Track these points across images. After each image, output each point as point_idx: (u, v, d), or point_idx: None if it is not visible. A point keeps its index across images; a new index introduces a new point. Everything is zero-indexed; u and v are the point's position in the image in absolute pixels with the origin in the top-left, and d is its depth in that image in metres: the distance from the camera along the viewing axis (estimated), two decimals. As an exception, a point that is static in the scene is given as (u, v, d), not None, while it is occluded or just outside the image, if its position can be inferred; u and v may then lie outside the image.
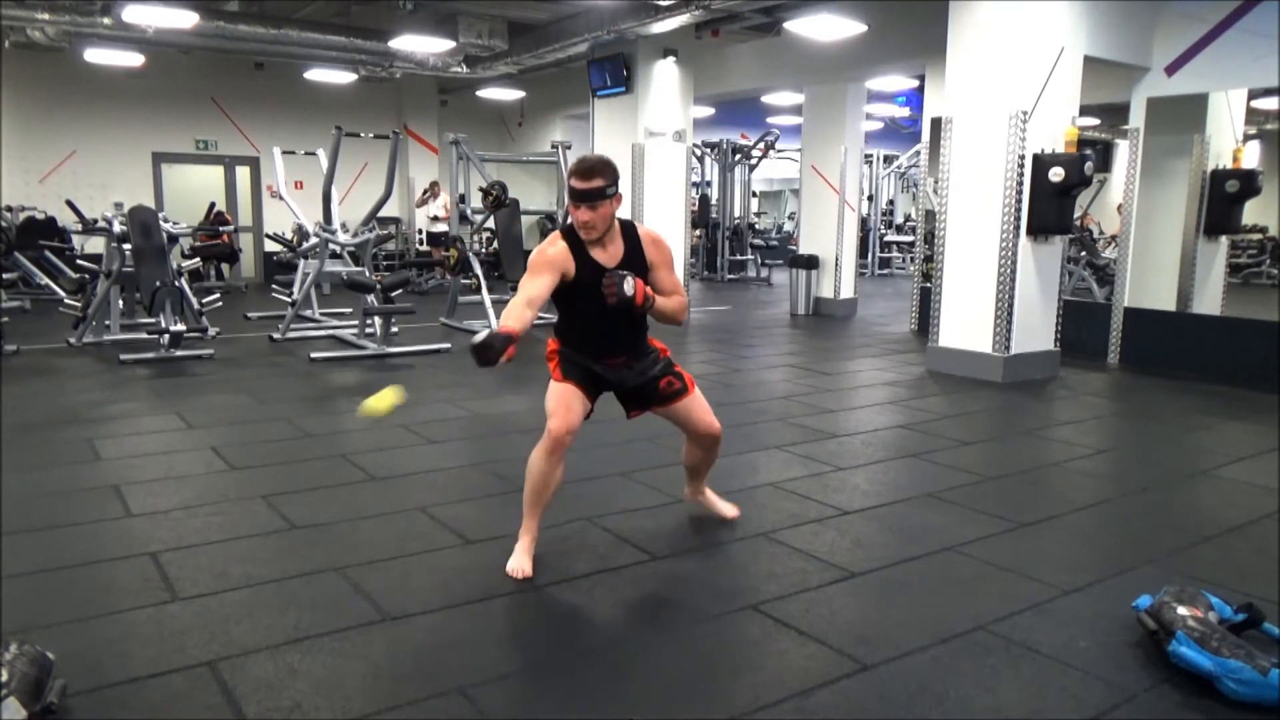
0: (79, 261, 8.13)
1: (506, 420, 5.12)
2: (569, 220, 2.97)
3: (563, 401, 2.96)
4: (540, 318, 3.33)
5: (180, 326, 6.75)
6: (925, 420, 5.22)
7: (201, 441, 4.51)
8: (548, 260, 2.90)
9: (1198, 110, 7.05)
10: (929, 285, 7.26)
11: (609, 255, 2.96)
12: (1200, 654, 2.23)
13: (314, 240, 8.31)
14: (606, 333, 3.04)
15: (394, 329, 7.57)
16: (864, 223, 14.59)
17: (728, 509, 3.46)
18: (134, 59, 11.00)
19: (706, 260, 15.22)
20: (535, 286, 2.85)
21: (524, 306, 2.78)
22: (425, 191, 13.31)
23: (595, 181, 2.83)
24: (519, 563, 2.91)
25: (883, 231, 16.63)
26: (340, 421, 5.13)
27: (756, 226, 17.64)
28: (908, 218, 16.55)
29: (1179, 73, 6.71)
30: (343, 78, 12.25)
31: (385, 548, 3.13)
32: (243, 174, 13.21)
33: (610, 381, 3.11)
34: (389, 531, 3.30)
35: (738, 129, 15.78)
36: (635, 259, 2.98)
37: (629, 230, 3.03)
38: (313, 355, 6.91)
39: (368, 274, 7.78)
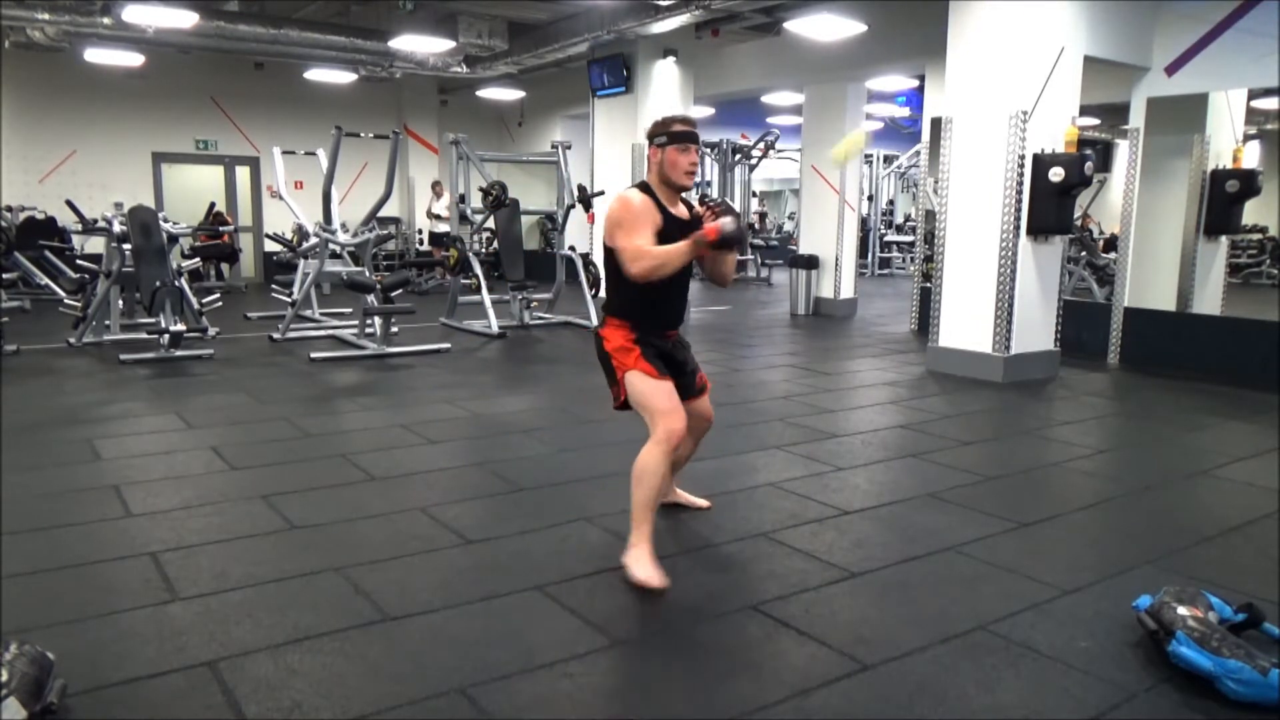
0: (79, 261, 8.13)
1: (506, 420, 5.12)
2: (643, 180, 2.98)
3: (670, 398, 2.92)
4: (539, 318, 3.32)
5: (180, 326, 6.75)
6: (925, 420, 5.22)
7: (201, 441, 4.51)
8: (642, 211, 2.86)
9: (1198, 110, 7.05)
10: (929, 285, 7.26)
11: (680, 212, 2.98)
12: (1200, 654, 2.23)
13: (314, 240, 8.31)
14: (672, 300, 3.04)
15: (394, 329, 7.57)
16: (864, 223, 14.59)
17: (702, 500, 3.53)
18: (134, 59, 11.01)
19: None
20: (646, 240, 2.82)
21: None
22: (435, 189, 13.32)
23: (694, 127, 2.89)
24: (651, 572, 2.79)
25: (883, 231, 16.64)
26: (340, 421, 5.13)
27: (756, 226, 17.63)
28: (908, 218, 16.55)
29: (1179, 73, 6.72)
30: (343, 78, 12.25)
31: (385, 548, 3.12)
32: (243, 174, 13.22)
33: (676, 362, 3.08)
34: (389, 531, 3.30)
35: (738, 129, 15.78)
36: (697, 221, 2.97)
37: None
38: (313, 355, 6.91)
39: (368, 274, 7.77)
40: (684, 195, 3.07)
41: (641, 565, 2.82)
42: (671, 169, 2.92)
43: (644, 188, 2.97)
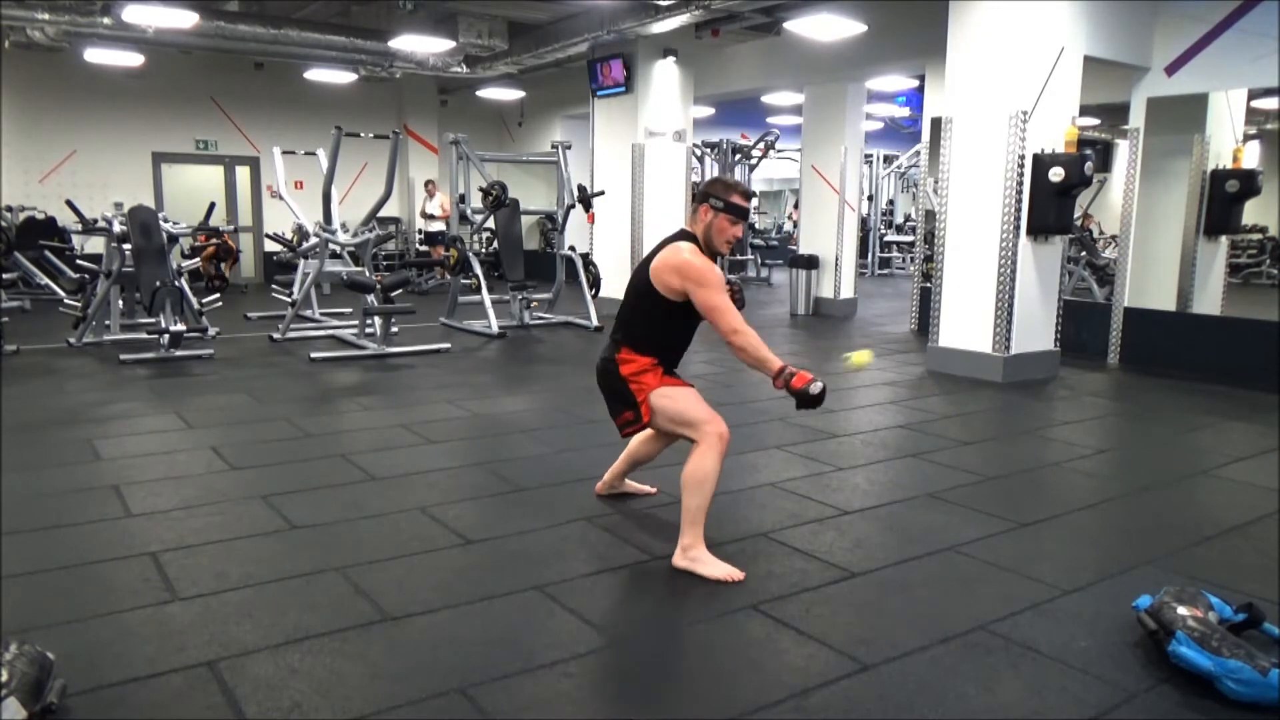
0: (79, 261, 8.12)
1: (506, 420, 5.12)
2: (689, 232, 3.09)
3: (704, 404, 3.04)
4: (539, 318, 3.33)
5: (180, 326, 6.76)
6: (925, 420, 5.22)
7: (201, 441, 4.51)
8: (714, 271, 2.99)
9: (1198, 110, 7.05)
10: (929, 285, 7.26)
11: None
12: (1200, 654, 2.23)
13: (314, 240, 8.31)
14: (686, 345, 3.22)
15: (394, 329, 7.58)
16: (864, 223, 14.58)
17: (649, 487, 3.69)
18: (134, 59, 11.00)
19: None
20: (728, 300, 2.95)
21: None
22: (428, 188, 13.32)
23: (749, 201, 3.04)
24: (728, 567, 2.88)
25: (883, 231, 16.63)
26: (340, 421, 5.13)
27: (756, 226, 17.62)
28: (908, 218, 16.55)
29: (1179, 73, 6.72)
30: (343, 78, 12.24)
31: (385, 548, 3.13)
32: (243, 174, 13.21)
33: None
34: (389, 531, 3.30)
35: (738, 129, 15.78)
36: None
37: None
38: (313, 355, 6.91)
39: (368, 274, 7.77)
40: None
41: (713, 564, 2.89)
42: (717, 235, 3.02)
43: (693, 240, 3.05)
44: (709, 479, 2.91)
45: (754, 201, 3.12)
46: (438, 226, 12.82)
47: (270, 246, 12.16)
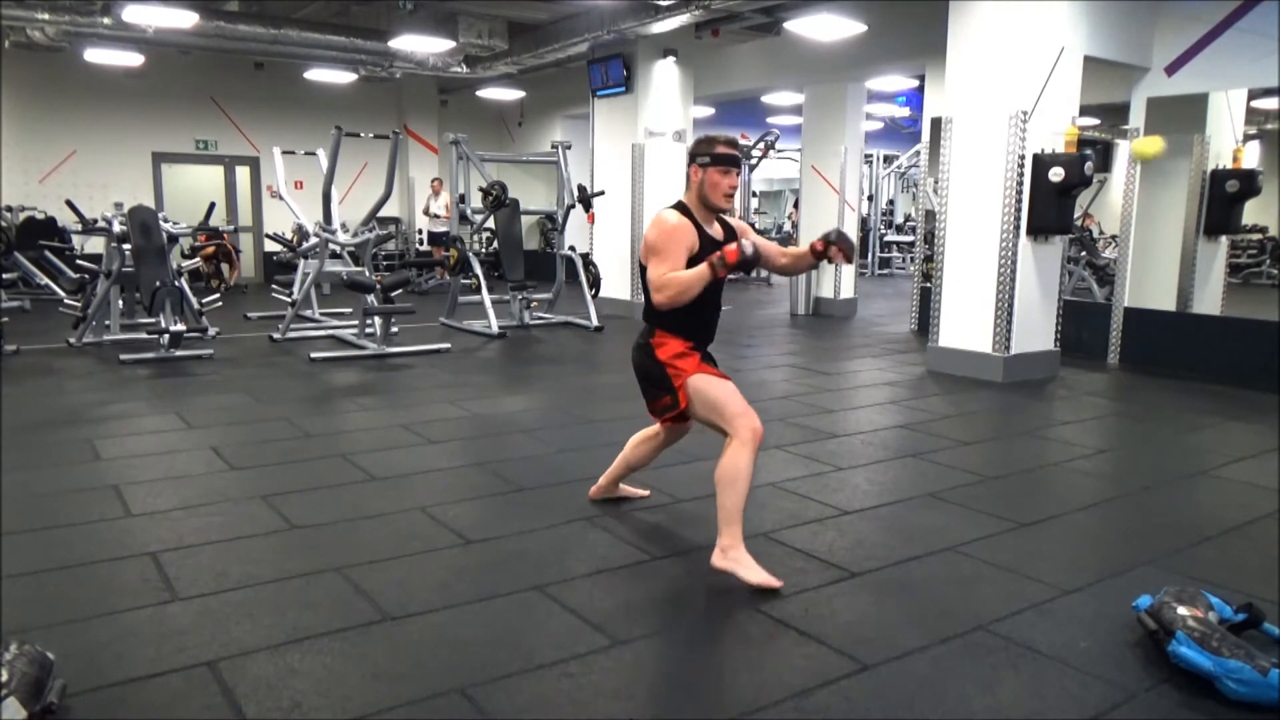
0: (79, 261, 8.12)
1: (506, 420, 5.12)
2: (680, 202, 2.99)
3: (741, 398, 2.95)
4: (539, 318, 3.32)
5: (180, 326, 6.76)
6: (925, 420, 5.22)
7: (201, 441, 4.51)
8: (682, 233, 2.87)
9: (1198, 110, 7.05)
10: (929, 285, 7.26)
11: (716, 232, 3.00)
12: (1200, 654, 2.23)
13: (314, 240, 8.31)
14: (713, 316, 3.09)
15: (394, 329, 7.58)
16: (864, 223, 14.58)
17: (642, 490, 3.64)
18: (134, 59, 11.01)
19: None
20: (676, 265, 2.82)
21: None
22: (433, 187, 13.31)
23: (737, 149, 2.92)
24: (766, 574, 2.80)
25: (883, 231, 16.63)
26: (340, 421, 5.13)
27: (757, 226, 17.62)
28: (908, 218, 16.54)
29: (1179, 73, 6.71)
30: (343, 78, 12.25)
31: (385, 548, 3.12)
32: (243, 174, 13.21)
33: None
34: (389, 531, 3.30)
35: (738, 129, 15.76)
36: (732, 237, 3.00)
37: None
38: (313, 355, 6.91)
39: (368, 274, 7.77)
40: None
41: (753, 569, 2.82)
42: (711, 190, 2.93)
43: (681, 208, 2.97)
44: (742, 475, 2.84)
45: (746, 151, 3.08)
46: (444, 227, 12.81)
47: (270, 246, 12.16)
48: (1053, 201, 6.18)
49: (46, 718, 2.01)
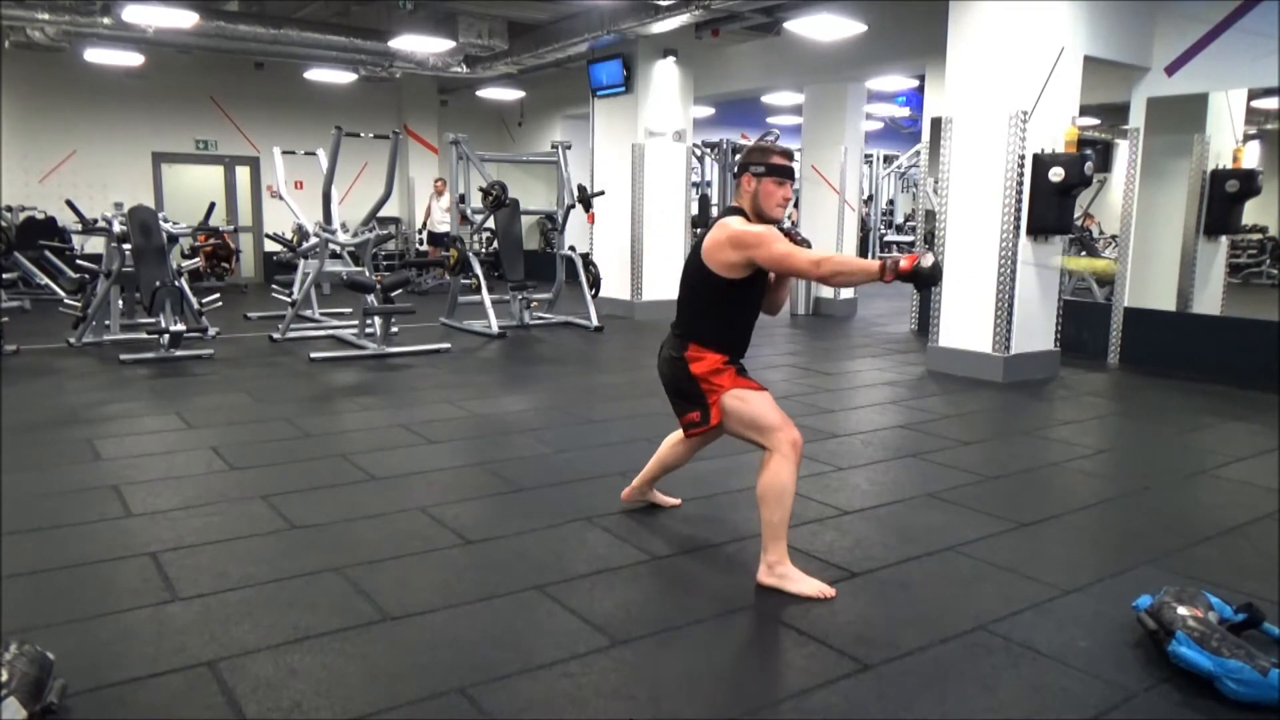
0: (79, 261, 8.12)
1: (506, 420, 5.12)
2: (736, 207, 2.92)
3: (779, 410, 2.92)
4: (539, 318, 3.32)
5: (180, 326, 6.76)
6: (925, 420, 5.22)
7: (201, 441, 4.51)
8: (767, 228, 2.81)
9: (1198, 110, 7.05)
10: (929, 285, 7.24)
11: None
12: (1200, 654, 2.23)
13: (314, 240, 8.31)
14: (750, 327, 3.04)
15: (394, 329, 7.58)
16: (864, 223, 14.57)
17: (674, 499, 3.60)
18: (134, 59, 11.00)
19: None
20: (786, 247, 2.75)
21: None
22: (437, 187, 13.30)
23: (792, 160, 2.89)
24: (818, 585, 2.78)
25: (883, 231, 16.61)
26: (340, 421, 5.13)
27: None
28: (908, 218, 16.53)
29: (1179, 73, 6.71)
30: (343, 78, 12.24)
31: (385, 548, 3.12)
32: (243, 174, 13.20)
33: None
34: (389, 531, 3.30)
35: (738, 129, 15.77)
36: None
37: None
38: (313, 355, 6.91)
39: (368, 274, 7.77)
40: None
41: (803, 581, 2.79)
42: (766, 200, 2.87)
43: (741, 213, 2.91)
44: (787, 491, 2.80)
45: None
46: (447, 227, 12.79)
47: (270, 246, 12.16)
48: (1053, 201, 6.18)
49: (46, 718, 2.01)
